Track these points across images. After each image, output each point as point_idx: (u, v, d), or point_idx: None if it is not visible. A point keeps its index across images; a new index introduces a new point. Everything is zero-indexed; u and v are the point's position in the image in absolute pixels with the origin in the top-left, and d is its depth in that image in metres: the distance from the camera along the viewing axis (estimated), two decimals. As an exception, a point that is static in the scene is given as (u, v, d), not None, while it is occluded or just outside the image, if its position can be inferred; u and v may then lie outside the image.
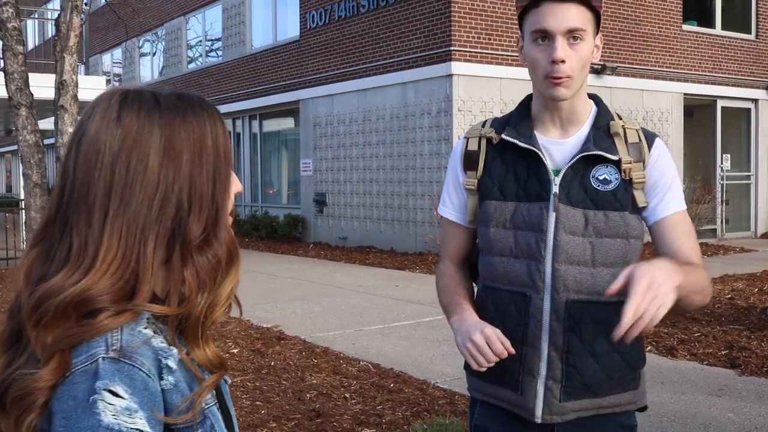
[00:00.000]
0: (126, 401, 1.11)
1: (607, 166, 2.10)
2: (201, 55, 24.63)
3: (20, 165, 7.39)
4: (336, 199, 17.86)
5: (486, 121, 2.27)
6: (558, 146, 2.14)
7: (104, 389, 1.10)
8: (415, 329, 8.37)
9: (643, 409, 2.26)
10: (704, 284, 2.03)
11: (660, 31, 17.28)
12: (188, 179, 1.23)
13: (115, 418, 1.10)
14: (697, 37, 18.04)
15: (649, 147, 2.14)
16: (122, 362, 1.13)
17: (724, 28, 18.74)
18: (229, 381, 1.47)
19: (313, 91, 18.34)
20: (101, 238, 1.18)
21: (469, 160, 2.23)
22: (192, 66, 25.07)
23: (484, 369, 1.98)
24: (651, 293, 1.69)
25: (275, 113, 20.76)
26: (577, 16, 2.00)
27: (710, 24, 18.58)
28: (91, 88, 13.83)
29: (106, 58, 31.76)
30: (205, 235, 1.25)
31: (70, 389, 1.11)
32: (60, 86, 6.97)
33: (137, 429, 1.11)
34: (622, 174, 2.09)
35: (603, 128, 2.13)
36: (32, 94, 7.40)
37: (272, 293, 11.10)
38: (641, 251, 2.16)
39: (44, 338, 1.14)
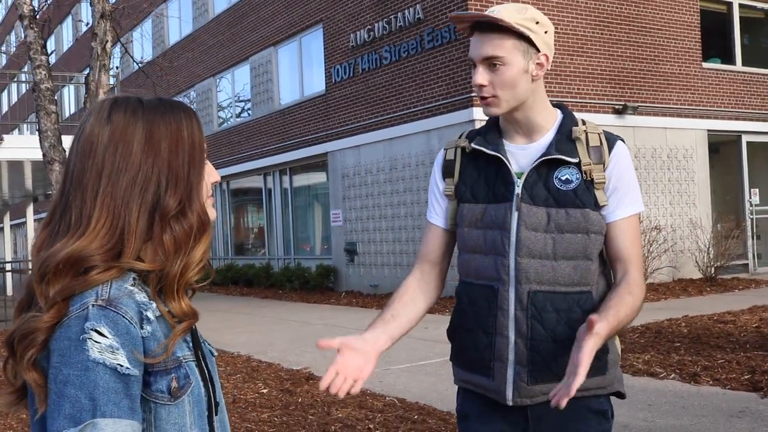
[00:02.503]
0: (110, 340, 1.36)
1: (569, 168, 2.30)
2: (232, 116, 25.20)
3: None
4: (366, 247, 18.09)
5: (463, 133, 2.50)
6: (523, 151, 2.35)
7: (92, 329, 1.35)
8: (442, 366, 8.49)
9: (620, 395, 2.42)
10: (633, 312, 2.22)
11: (680, 70, 17.47)
12: (166, 163, 1.51)
13: (101, 354, 1.34)
14: (718, 74, 18.20)
15: (610, 150, 2.33)
16: (108, 309, 1.38)
17: (744, 64, 18.89)
18: (215, 353, 1.70)
19: (341, 143, 18.71)
20: (93, 209, 1.45)
21: (447, 169, 2.48)
22: (223, 124, 25.64)
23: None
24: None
25: (304, 167, 21.15)
26: (495, 45, 2.24)
27: (731, 61, 18.74)
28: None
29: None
30: (180, 207, 1.51)
31: (65, 331, 1.36)
32: (90, 141, 7.31)
33: (118, 364, 1.35)
34: (584, 175, 2.29)
35: (566, 133, 2.33)
36: (65, 151, 7.76)
37: (303, 339, 11.28)
38: (601, 244, 2.33)
39: (47, 291, 1.39)
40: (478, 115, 14.46)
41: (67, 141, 8.42)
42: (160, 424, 1.44)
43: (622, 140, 2.38)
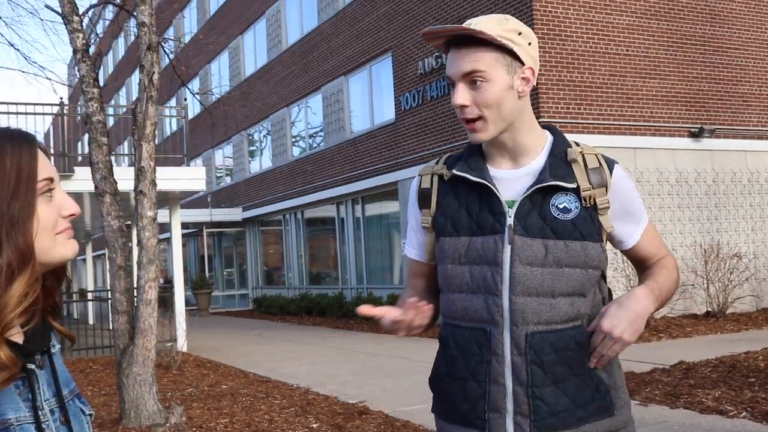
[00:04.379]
0: None
1: (566, 195, 2.06)
2: (306, 147, 25.32)
3: (107, 251, 7.71)
4: (436, 277, 17.82)
5: (440, 158, 2.26)
6: (512, 177, 2.11)
7: None
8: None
9: None
10: (673, 284, 2.20)
11: (761, 91, 16.82)
12: None
13: None
14: (801, 94, 17.48)
15: (610, 171, 2.11)
16: None
17: (831, 83, 18.11)
18: (89, 412, 1.52)
19: (409, 172, 18.56)
20: None
21: (423, 198, 2.21)
22: (297, 154, 25.80)
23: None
24: (609, 341, 2.00)
25: (375, 195, 21.07)
26: (474, 60, 2.02)
27: (816, 80, 17.99)
28: (190, 178, 14.49)
29: (219, 153, 33.10)
30: None
31: None
32: (139, 172, 7.29)
33: None
34: (583, 202, 2.06)
35: (560, 156, 2.10)
36: (116, 182, 7.77)
37: (366, 371, 11.09)
38: (596, 282, 2.10)
39: None
40: (547, 141, 14.13)
41: (118, 172, 8.44)
42: None
43: (618, 163, 2.17)
